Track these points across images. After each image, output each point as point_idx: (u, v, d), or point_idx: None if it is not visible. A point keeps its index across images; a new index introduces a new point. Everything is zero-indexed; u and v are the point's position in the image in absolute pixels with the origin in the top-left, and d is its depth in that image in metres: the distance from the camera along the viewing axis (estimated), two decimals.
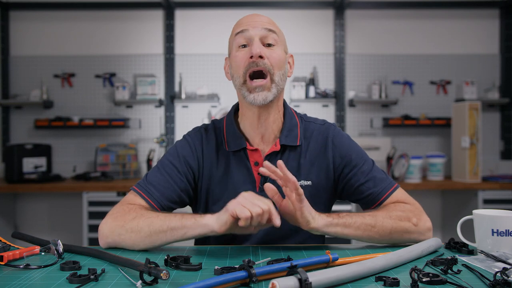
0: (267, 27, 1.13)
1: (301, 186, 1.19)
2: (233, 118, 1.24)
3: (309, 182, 1.21)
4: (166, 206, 1.16)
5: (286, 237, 1.20)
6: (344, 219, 1.05)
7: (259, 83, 1.12)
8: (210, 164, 1.22)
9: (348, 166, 1.21)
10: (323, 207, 1.24)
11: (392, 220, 1.08)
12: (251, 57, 1.11)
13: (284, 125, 1.22)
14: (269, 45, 1.14)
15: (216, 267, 0.85)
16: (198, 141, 1.23)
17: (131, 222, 1.04)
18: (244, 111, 1.21)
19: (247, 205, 0.93)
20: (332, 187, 1.24)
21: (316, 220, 1.01)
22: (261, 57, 1.12)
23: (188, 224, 1.00)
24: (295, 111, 1.28)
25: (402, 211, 1.12)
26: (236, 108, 1.26)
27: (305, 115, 1.31)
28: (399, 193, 1.21)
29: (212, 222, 0.98)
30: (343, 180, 1.22)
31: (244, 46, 1.13)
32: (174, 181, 1.17)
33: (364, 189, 1.19)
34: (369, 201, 1.20)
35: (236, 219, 0.94)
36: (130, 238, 1.04)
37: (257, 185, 1.19)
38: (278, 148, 1.19)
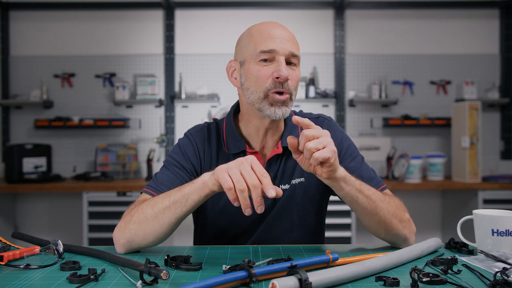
0: (293, 52, 1.11)
1: (294, 184, 1.20)
2: (232, 120, 1.23)
3: (302, 179, 1.21)
4: None
5: (283, 235, 1.20)
6: (359, 182, 1.03)
7: (283, 97, 1.10)
8: (210, 164, 1.21)
9: None
10: (316, 203, 1.23)
11: (395, 205, 1.09)
12: (277, 77, 1.08)
13: (285, 128, 1.22)
14: (289, 63, 1.12)
15: (224, 266, 0.85)
16: (200, 141, 1.23)
17: (136, 214, 1.03)
18: (251, 120, 1.18)
19: (233, 176, 0.88)
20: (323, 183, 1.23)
21: (339, 170, 0.98)
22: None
23: (187, 191, 0.98)
24: (293, 111, 1.28)
25: (401, 203, 1.13)
26: (235, 110, 1.25)
27: (300, 112, 1.31)
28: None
29: (207, 180, 0.95)
30: None
31: (265, 60, 1.10)
32: (183, 178, 1.16)
33: None
34: None
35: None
36: (140, 229, 1.01)
37: None
38: (280, 150, 1.18)
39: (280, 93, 1.10)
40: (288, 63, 1.11)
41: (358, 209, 1.06)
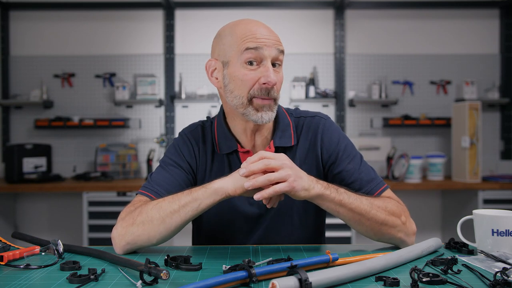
0: (279, 47, 1.08)
1: None
2: (223, 119, 1.21)
3: None
4: None
5: (283, 237, 1.19)
6: (341, 196, 1.02)
7: (267, 101, 1.08)
8: (205, 164, 1.20)
9: (334, 164, 1.18)
10: (316, 205, 1.22)
11: (386, 212, 1.06)
12: (264, 83, 1.06)
13: (277, 126, 1.19)
14: (274, 64, 1.09)
15: (224, 266, 0.85)
16: (195, 141, 1.21)
17: (140, 216, 1.02)
18: (237, 122, 1.17)
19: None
20: None
21: (314, 189, 0.99)
22: None
23: (199, 195, 0.99)
24: (286, 109, 1.25)
25: (396, 206, 1.10)
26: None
27: (295, 110, 1.27)
28: (387, 195, 1.16)
29: (226, 185, 0.97)
30: (330, 178, 1.19)
31: (251, 63, 1.07)
32: (180, 178, 1.15)
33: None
34: None
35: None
36: (144, 231, 1.01)
37: None
38: (272, 150, 1.16)
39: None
40: (273, 64, 1.09)
41: (342, 219, 1.07)
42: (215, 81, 1.17)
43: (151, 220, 1.00)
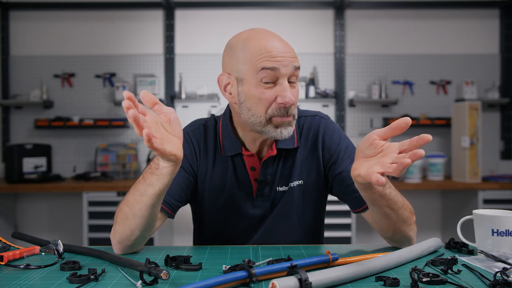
0: (295, 64, 1.05)
1: (293, 186, 1.18)
2: (228, 121, 1.19)
3: (300, 181, 1.18)
4: (175, 205, 1.13)
5: (282, 238, 1.19)
6: (393, 189, 1.01)
7: (288, 119, 1.06)
8: (207, 164, 1.19)
9: (335, 164, 1.17)
10: (315, 205, 1.22)
11: (409, 209, 1.07)
12: (281, 103, 1.03)
13: None
14: (289, 80, 1.06)
15: (224, 266, 0.85)
16: (197, 140, 1.20)
17: (120, 214, 1.02)
18: (249, 133, 1.15)
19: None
20: (323, 184, 1.21)
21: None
22: None
23: (153, 181, 0.94)
24: None
25: (411, 206, 1.09)
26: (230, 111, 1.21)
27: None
28: None
29: (155, 161, 0.94)
30: (331, 178, 1.19)
31: (267, 81, 1.04)
32: (180, 178, 1.14)
33: (351, 190, 1.12)
34: (357, 202, 1.15)
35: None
36: (125, 227, 1.00)
37: (254, 191, 1.18)
38: (274, 152, 1.15)
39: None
40: (288, 80, 1.06)
41: (376, 213, 1.04)
42: (229, 96, 1.12)
43: (126, 216, 1.00)
